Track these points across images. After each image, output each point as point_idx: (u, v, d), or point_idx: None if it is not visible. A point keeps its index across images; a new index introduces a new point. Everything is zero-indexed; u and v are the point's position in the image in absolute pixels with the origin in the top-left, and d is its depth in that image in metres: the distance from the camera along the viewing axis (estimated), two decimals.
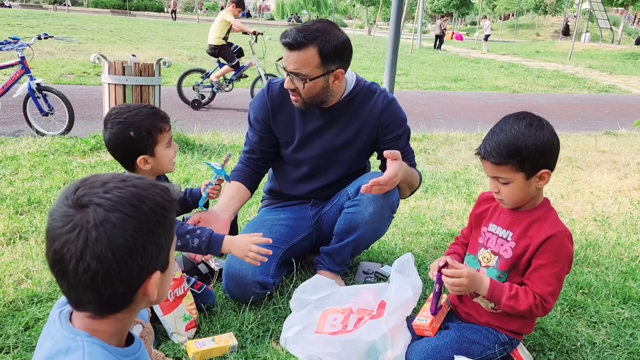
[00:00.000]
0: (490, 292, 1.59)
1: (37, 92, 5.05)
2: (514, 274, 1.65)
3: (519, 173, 1.55)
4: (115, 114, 1.74)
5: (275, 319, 2.00)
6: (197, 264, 2.29)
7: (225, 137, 5.25)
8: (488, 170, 1.61)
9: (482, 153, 1.59)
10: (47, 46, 11.99)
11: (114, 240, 0.82)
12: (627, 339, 1.98)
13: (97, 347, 0.87)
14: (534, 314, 1.60)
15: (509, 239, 1.66)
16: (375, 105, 2.15)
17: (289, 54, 1.96)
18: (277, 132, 2.22)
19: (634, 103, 10.53)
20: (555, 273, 1.57)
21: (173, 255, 0.97)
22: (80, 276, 0.82)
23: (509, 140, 1.53)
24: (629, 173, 4.51)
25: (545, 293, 1.56)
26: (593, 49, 25.47)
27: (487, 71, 15.59)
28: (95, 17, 28.97)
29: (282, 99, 2.17)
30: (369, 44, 22.58)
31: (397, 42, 4.65)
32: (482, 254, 1.73)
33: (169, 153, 1.81)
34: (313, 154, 2.21)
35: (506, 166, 1.55)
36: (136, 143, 1.72)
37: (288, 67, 1.98)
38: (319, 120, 2.16)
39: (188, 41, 17.81)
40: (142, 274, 0.87)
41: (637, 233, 3.14)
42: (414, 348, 1.68)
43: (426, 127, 6.60)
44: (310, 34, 1.91)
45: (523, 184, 1.57)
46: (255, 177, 2.30)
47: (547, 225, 1.59)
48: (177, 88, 7.40)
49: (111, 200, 0.84)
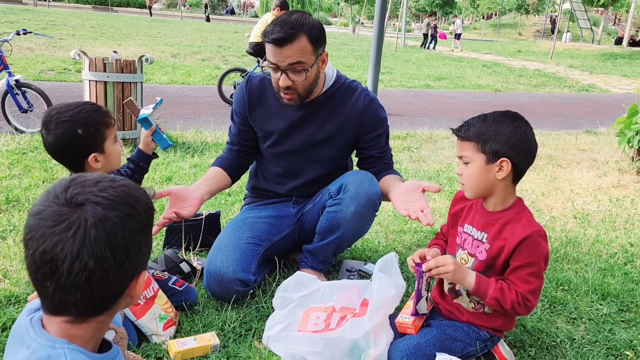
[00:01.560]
0: (477, 284, 1.60)
1: (16, 88, 4.95)
2: (490, 274, 1.66)
3: (479, 154, 1.59)
4: (57, 113, 1.64)
5: (258, 318, 1.99)
6: (179, 262, 2.27)
7: (208, 134, 5.21)
8: (458, 148, 1.66)
9: (456, 128, 1.66)
10: (26, 42, 11.79)
11: (114, 238, 0.83)
12: (605, 335, 2.01)
13: (79, 354, 0.86)
14: (517, 312, 1.61)
15: (484, 240, 1.67)
16: (356, 103, 2.14)
17: (281, 50, 1.90)
18: (255, 126, 2.22)
19: (613, 102, 10.70)
20: (533, 272, 1.58)
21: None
22: (75, 276, 0.81)
23: (481, 121, 1.60)
24: (608, 171, 4.58)
25: (525, 291, 1.57)
26: (574, 48, 25.84)
27: (470, 70, 15.73)
28: (77, 12, 28.55)
29: (261, 92, 2.17)
30: (353, 42, 22.59)
31: (381, 40, 4.66)
32: (460, 255, 1.74)
33: (117, 148, 1.77)
34: (291, 149, 2.19)
35: (469, 143, 1.61)
36: (85, 141, 1.65)
37: (283, 63, 1.92)
38: (298, 114, 2.14)
39: (171, 38, 17.66)
40: (134, 273, 0.88)
41: (616, 230, 3.19)
42: (397, 346, 1.69)
43: (410, 126, 6.63)
44: (296, 24, 1.89)
45: (482, 167, 1.60)
46: (236, 166, 2.30)
47: (520, 227, 1.60)
48: (217, 87, 7.49)
49: (108, 199, 0.84)
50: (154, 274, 2.01)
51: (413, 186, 1.95)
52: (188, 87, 8.99)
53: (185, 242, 2.49)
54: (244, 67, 8.22)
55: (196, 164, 4.05)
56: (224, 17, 47.77)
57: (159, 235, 2.64)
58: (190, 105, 7.34)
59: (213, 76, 10.29)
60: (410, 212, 1.82)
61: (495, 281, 1.61)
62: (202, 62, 12.38)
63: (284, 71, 1.94)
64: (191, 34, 20.69)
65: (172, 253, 2.31)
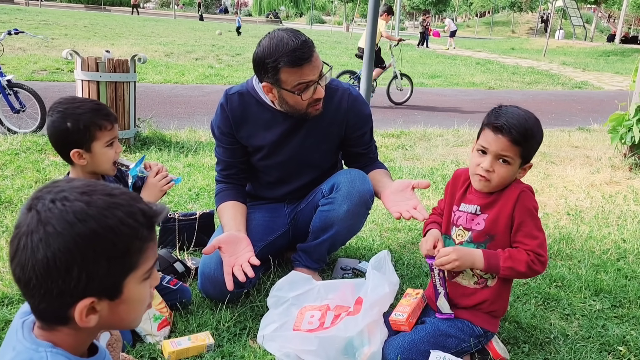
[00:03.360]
0: (486, 261, 1.61)
1: (8, 88, 4.93)
2: (491, 245, 1.67)
3: (519, 158, 1.61)
4: (58, 103, 1.71)
5: (253, 317, 1.99)
6: (173, 262, 2.27)
7: (202, 134, 5.20)
8: (498, 145, 1.59)
9: (501, 125, 1.58)
10: (18, 42, 11.73)
11: (37, 253, 0.77)
12: (598, 331, 2.02)
13: (62, 357, 0.84)
14: (534, 270, 1.60)
15: (478, 212, 1.70)
16: (340, 103, 2.13)
17: (311, 62, 1.87)
18: (243, 142, 2.16)
19: (605, 99, 10.75)
20: (535, 225, 1.63)
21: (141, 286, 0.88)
22: (18, 282, 0.81)
23: (528, 124, 1.59)
24: (600, 168, 4.61)
25: (535, 246, 1.60)
26: (567, 46, 25.94)
27: (464, 68, 15.76)
28: (69, 12, 28.41)
29: (243, 109, 2.10)
30: (347, 41, 22.59)
31: (375, 38, 4.66)
32: (455, 232, 1.76)
33: (108, 153, 1.75)
34: (282, 159, 2.17)
35: (518, 147, 1.59)
36: (71, 135, 1.67)
37: (316, 75, 1.91)
38: (285, 125, 2.10)
39: (164, 37, 17.61)
40: (64, 296, 0.80)
41: (609, 226, 3.21)
42: (391, 343, 1.69)
43: (403, 124, 6.64)
44: (301, 36, 1.89)
45: (516, 170, 1.64)
46: (241, 190, 2.24)
47: (511, 189, 1.65)
48: None
49: (50, 211, 0.78)
50: None
51: (402, 185, 1.97)
52: (182, 87, 8.96)
53: (179, 241, 2.49)
54: (353, 70, 8.60)
55: (190, 164, 4.04)
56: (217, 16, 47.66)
57: None
58: (184, 105, 7.32)
59: (207, 75, 10.28)
60: (403, 212, 1.85)
61: (502, 251, 1.63)
62: (196, 62, 12.35)
63: (318, 82, 1.93)
64: (184, 33, 20.64)
65: (166, 253, 2.30)
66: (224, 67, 11.86)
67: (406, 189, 1.94)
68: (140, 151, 4.32)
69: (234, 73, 10.85)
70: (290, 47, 1.84)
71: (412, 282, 2.33)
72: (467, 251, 1.65)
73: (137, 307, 0.90)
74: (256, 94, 2.09)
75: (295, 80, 1.89)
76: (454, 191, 1.82)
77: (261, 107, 2.09)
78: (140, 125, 4.76)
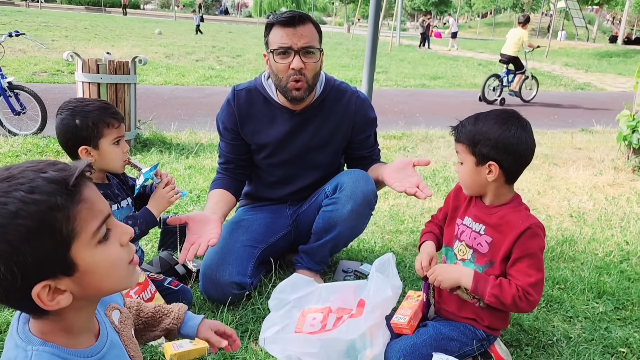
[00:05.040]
0: (474, 282, 1.61)
1: (9, 90, 4.93)
2: (489, 271, 1.66)
3: (470, 155, 1.62)
4: (68, 102, 1.79)
5: (254, 319, 1.98)
6: (174, 264, 2.26)
7: (203, 135, 5.19)
8: (455, 146, 1.70)
9: (452, 128, 1.69)
10: (19, 44, 11.74)
11: None
12: (601, 333, 2.01)
13: (47, 355, 0.82)
14: (519, 307, 1.58)
15: (482, 232, 1.67)
16: (347, 106, 2.14)
17: (295, 30, 1.91)
18: (248, 139, 2.17)
19: (608, 100, 10.74)
20: (532, 264, 1.58)
21: (97, 250, 0.81)
22: None
23: (473, 123, 1.62)
24: (603, 169, 4.59)
25: (525, 284, 1.56)
26: (569, 47, 25.94)
27: (466, 69, 15.74)
28: (69, 13, 28.45)
29: (249, 105, 2.12)
30: (348, 42, 22.60)
31: (376, 39, 4.65)
32: (458, 247, 1.75)
33: (115, 151, 1.81)
34: (287, 158, 2.17)
35: (461, 144, 1.64)
36: (80, 131, 1.74)
37: (298, 43, 1.92)
38: (290, 124, 2.11)
39: (165, 39, 17.63)
40: (13, 292, 0.76)
41: (612, 228, 3.20)
42: (393, 346, 1.68)
43: (405, 125, 6.63)
44: (301, 13, 1.95)
45: (473, 169, 1.63)
46: (236, 183, 2.24)
47: (519, 220, 1.61)
48: (481, 91, 9.46)
49: None
50: (149, 275, 2.00)
51: (403, 163, 1.98)
52: (182, 88, 8.96)
53: (181, 243, 2.48)
54: (497, 73, 9.75)
55: (191, 165, 4.03)
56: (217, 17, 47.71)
57: (153, 237, 2.63)
58: (185, 106, 7.31)
59: (207, 77, 10.28)
60: (407, 187, 1.85)
61: (494, 278, 1.61)
62: (196, 63, 12.36)
63: (297, 52, 1.93)
64: (185, 34, 20.66)
65: (167, 255, 2.29)
66: (224, 68, 11.85)
67: (407, 166, 1.95)
68: (140, 153, 4.31)
69: (235, 74, 10.84)
70: (284, 13, 1.93)
71: (415, 285, 2.31)
72: (451, 269, 1.67)
73: (110, 271, 0.84)
74: (264, 90, 2.10)
75: (277, 43, 1.94)
76: (457, 204, 1.81)
77: (268, 103, 2.10)
78: (140, 127, 4.76)
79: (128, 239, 0.87)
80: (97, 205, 0.81)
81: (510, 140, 1.56)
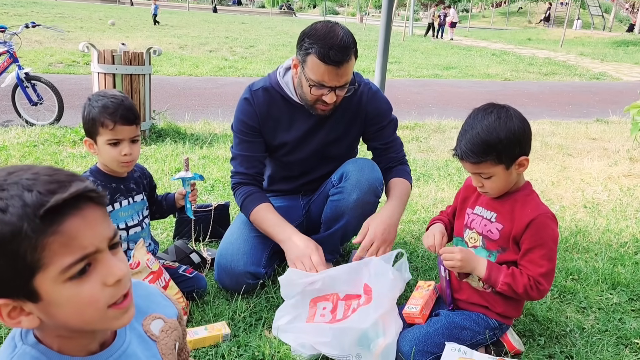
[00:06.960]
0: (488, 271, 1.63)
1: (26, 81, 4.99)
2: (501, 256, 1.67)
3: (498, 166, 1.58)
4: (98, 92, 1.84)
5: (268, 308, 2.00)
6: (190, 253, 2.29)
7: (217, 126, 5.22)
8: (468, 168, 1.65)
9: (459, 154, 1.63)
10: (35, 35, 11.85)
11: None
12: (615, 324, 2.01)
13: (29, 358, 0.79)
14: (530, 296, 1.62)
15: (493, 219, 1.68)
16: (360, 98, 2.13)
17: (339, 71, 1.85)
18: (266, 137, 2.14)
19: (624, 90, 10.59)
20: (544, 255, 1.59)
21: (66, 287, 0.74)
22: None
23: (482, 137, 1.56)
24: (619, 160, 4.55)
25: (536, 275, 1.58)
26: (584, 36, 25.54)
27: (479, 59, 15.60)
28: (84, 5, 28.59)
29: (268, 106, 2.09)
30: (361, 32, 22.48)
31: (389, 29, 4.62)
32: (468, 235, 1.76)
33: (110, 152, 1.80)
34: (305, 156, 2.17)
35: (485, 163, 1.58)
36: (85, 123, 1.80)
37: (339, 83, 1.89)
38: (310, 122, 2.10)
39: (179, 29, 17.67)
40: None
41: (626, 219, 3.17)
42: (405, 335, 1.70)
43: (418, 115, 6.61)
44: (349, 43, 1.85)
45: (504, 174, 1.60)
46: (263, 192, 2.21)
47: (529, 209, 1.62)
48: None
49: None
50: (164, 263, 2.03)
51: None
52: (196, 79, 9.00)
53: (195, 233, 2.51)
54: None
55: (205, 155, 4.06)
56: (231, 8, 47.67)
57: (169, 226, 2.66)
58: (199, 97, 7.35)
59: (221, 67, 10.30)
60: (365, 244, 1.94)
61: (506, 267, 1.63)
62: (210, 54, 12.39)
63: (334, 89, 1.91)
64: (198, 25, 20.68)
65: (182, 244, 2.33)
66: (237, 59, 11.87)
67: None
68: (155, 143, 4.35)
69: (248, 65, 10.86)
70: (330, 43, 1.82)
71: (427, 275, 2.33)
72: (473, 257, 1.67)
73: (80, 310, 0.76)
74: (281, 89, 2.08)
75: (316, 77, 1.88)
76: (467, 196, 1.82)
77: (287, 102, 2.08)
78: (155, 118, 4.80)
79: (114, 281, 0.77)
80: (78, 240, 0.73)
81: (519, 130, 1.57)
